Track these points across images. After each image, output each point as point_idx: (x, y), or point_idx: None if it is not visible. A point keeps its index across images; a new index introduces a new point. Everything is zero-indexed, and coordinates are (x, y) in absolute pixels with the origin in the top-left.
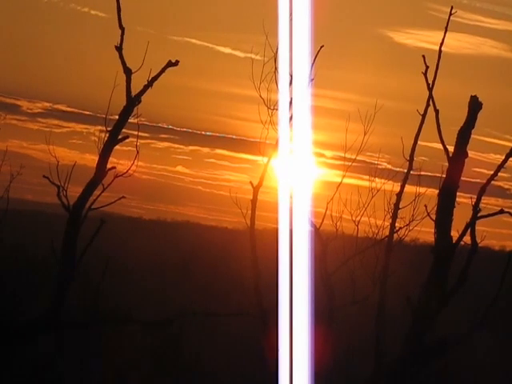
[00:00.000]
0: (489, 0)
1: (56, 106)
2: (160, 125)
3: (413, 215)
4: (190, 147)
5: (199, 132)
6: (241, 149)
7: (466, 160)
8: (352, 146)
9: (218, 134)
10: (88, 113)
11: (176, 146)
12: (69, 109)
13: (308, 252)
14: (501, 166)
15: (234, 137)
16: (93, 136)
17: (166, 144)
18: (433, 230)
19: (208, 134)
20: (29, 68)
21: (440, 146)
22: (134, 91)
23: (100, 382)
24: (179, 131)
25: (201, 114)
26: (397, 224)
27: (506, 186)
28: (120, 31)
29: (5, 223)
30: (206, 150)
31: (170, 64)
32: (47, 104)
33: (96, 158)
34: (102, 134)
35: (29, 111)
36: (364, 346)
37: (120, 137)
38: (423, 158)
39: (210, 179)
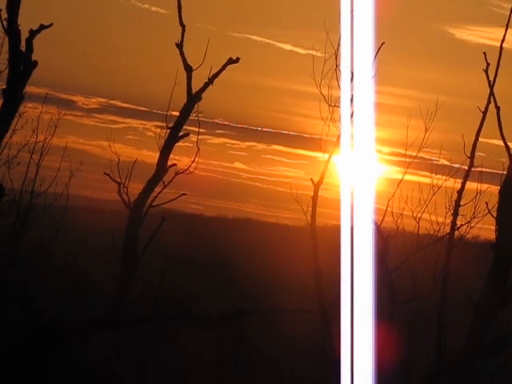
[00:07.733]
0: None
1: (111, 102)
2: (216, 121)
3: (474, 212)
4: (247, 143)
5: (255, 128)
6: (297, 145)
7: None
8: (413, 143)
9: (273, 130)
10: (143, 109)
11: (232, 141)
12: (124, 104)
13: (370, 249)
14: None
15: (290, 133)
16: (149, 132)
17: (222, 140)
18: (494, 228)
19: (265, 130)
20: (85, 63)
21: (501, 142)
22: (194, 88)
23: (160, 379)
24: (235, 127)
25: (259, 111)
26: (458, 221)
27: None
28: (181, 28)
29: (65, 220)
30: (262, 146)
31: (231, 61)
32: (102, 100)
33: (153, 154)
34: (159, 130)
35: (84, 107)
36: (425, 343)
37: (181, 134)
38: (482, 154)
39: (267, 175)
